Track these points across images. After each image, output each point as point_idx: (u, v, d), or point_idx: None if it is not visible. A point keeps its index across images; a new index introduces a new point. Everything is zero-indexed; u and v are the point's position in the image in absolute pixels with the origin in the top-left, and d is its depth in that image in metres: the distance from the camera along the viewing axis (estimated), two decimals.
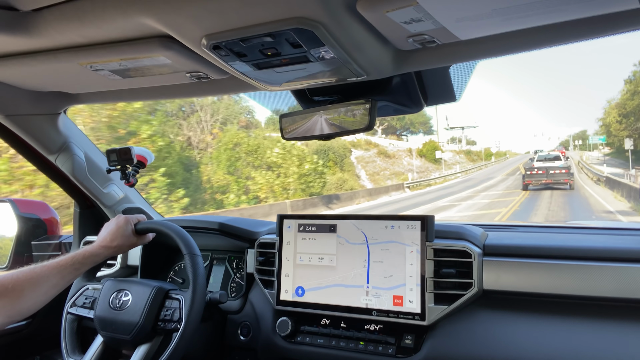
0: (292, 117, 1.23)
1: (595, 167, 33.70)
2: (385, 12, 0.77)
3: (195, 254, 1.28)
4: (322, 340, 1.34)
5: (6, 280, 1.09)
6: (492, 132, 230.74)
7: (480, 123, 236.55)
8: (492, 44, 0.91)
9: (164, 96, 1.34)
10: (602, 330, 1.09)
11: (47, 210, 2.12)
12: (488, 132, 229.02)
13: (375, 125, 1.11)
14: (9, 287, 1.09)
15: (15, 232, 1.93)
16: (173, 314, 1.25)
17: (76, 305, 1.41)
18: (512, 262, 1.21)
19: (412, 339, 1.23)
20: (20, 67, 1.12)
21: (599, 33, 0.83)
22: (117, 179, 1.67)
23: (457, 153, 56.04)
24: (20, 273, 1.13)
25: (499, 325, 1.18)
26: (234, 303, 1.55)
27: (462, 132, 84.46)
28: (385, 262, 1.29)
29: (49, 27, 0.91)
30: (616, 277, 1.10)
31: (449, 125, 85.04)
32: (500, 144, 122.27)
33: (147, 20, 0.83)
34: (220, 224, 1.62)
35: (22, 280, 1.11)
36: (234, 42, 0.87)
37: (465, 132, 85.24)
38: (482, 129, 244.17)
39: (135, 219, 1.39)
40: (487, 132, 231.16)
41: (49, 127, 1.56)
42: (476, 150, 75.30)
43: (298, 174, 17.82)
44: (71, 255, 1.24)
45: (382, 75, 1.05)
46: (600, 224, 1.65)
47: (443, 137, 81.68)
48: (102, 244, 1.31)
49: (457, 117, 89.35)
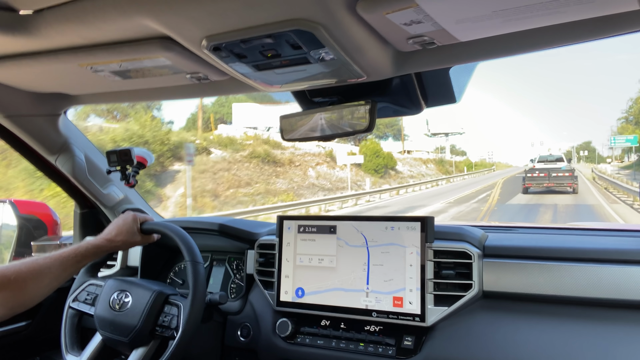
0: (292, 118, 1.23)
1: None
2: (385, 13, 0.77)
3: (197, 261, 1.28)
4: (322, 342, 1.34)
5: (8, 272, 1.09)
6: (485, 143, 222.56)
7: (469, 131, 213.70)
8: (492, 46, 0.91)
9: (164, 97, 1.35)
10: (602, 331, 1.09)
11: (47, 210, 2.12)
12: (480, 143, 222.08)
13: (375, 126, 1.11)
14: (11, 278, 1.08)
15: (15, 232, 1.93)
16: (171, 321, 1.24)
17: (78, 300, 1.41)
18: (512, 264, 1.21)
19: (412, 340, 1.23)
20: (21, 68, 1.12)
21: (599, 34, 0.83)
22: (117, 180, 1.67)
23: (425, 162, 44.69)
24: (22, 264, 1.12)
25: (499, 327, 1.18)
26: (234, 304, 1.55)
27: (446, 139, 70.38)
28: (386, 265, 1.29)
29: (50, 28, 0.91)
30: (616, 278, 1.10)
31: (430, 131, 69.84)
32: (493, 154, 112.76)
33: (148, 21, 0.84)
34: (221, 225, 1.62)
35: (24, 272, 1.11)
36: (234, 43, 0.87)
37: (449, 139, 71.54)
38: (474, 138, 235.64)
39: (143, 218, 1.39)
40: (480, 142, 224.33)
41: (49, 128, 1.56)
42: (457, 159, 61.94)
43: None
44: (74, 247, 1.24)
45: (382, 77, 1.05)
46: (600, 225, 1.66)
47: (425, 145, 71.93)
48: (107, 237, 1.31)
49: (441, 122, 71.92)
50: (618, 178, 25.47)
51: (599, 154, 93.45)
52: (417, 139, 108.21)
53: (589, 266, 1.13)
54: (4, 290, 1.07)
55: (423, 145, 68.84)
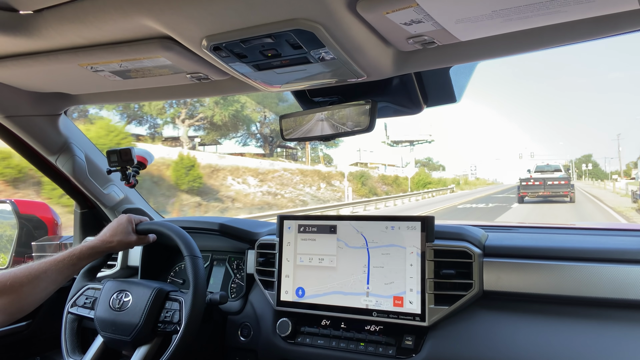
0: (292, 118, 1.23)
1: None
2: (385, 13, 0.77)
3: (196, 256, 1.28)
4: (322, 341, 1.34)
5: (5, 278, 1.09)
6: (470, 156, 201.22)
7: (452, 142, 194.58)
8: (492, 45, 0.91)
9: (164, 97, 1.35)
10: (602, 331, 1.09)
11: (47, 210, 2.12)
12: (464, 156, 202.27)
13: (375, 126, 1.10)
14: (7, 284, 1.09)
15: (15, 232, 1.93)
16: (173, 316, 1.25)
17: (77, 305, 1.41)
18: (512, 263, 1.21)
19: (412, 340, 1.23)
20: (21, 68, 1.12)
21: (599, 34, 0.83)
22: (118, 179, 1.67)
23: (326, 178, 28.52)
24: (18, 270, 1.13)
25: (499, 326, 1.18)
26: (234, 304, 1.55)
27: (411, 148, 54.42)
28: (386, 267, 1.29)
29: (50, 28, 0.91)
30: (616, 278, 1.10)
31: (388, 138, 53.80)
32: (476, 169, 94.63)
33: (148, 21, 0.84)
34: (221, 225, 1.62)
35: (20, 278, 1.12)
36: (234, 43, 0.87)
37: (415, 148, 54.61)
38: (457, 151, 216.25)
39: (138, 219, 1.39)
40: (463, 155, 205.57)
41: (50, 128, 1.56)
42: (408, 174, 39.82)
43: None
44: (69, 250, 1.25)
45: (382, 76, 1.05)
46: (601, 225, 1.65)
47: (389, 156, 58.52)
48: (102, 238, 1.32)
49: (405, 129, 50.95)
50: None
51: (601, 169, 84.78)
52: (378, 148, 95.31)
53: (589, 266, 1.13)
54: (1, 297, 1.07)
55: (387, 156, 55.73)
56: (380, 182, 34.98)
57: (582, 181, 74.33)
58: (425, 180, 41.60)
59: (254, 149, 35.29)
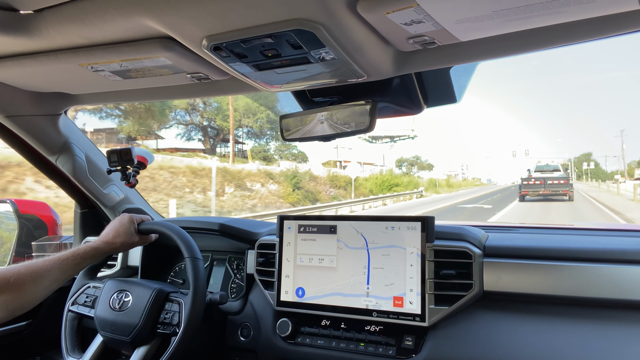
0: (292, 118, 1.23)
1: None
2: (386, 13, 0.77)
3: (196, 257, 1.28)
4: (322, 341, 1.34)
5: (8, 275, 1.09)
6: (461, 154, 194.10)
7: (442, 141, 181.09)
8: (493, 45, 0.91)
9: (165, 97, 1.35)
10: (602, 331, 1.09)
11: (47, 210, 2.12)
12: (455, 154, 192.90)
13: (375, 126, 1.10)
14: (10, 280, 1.09)
15: (15, 232, 1.93)
16: (172, 318, 1.25)
17: (77, 304, 1.41)
18: (512, 264, 1.21)
19: (412, 340, 1.23)
20: (21, 67, 1.12)
21: (599, 34, 0.83)
22: (118, 179, 1.67)
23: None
24: (22, 267, 1.13)
25: (499, 327, 1.18)
26: (234, 304, 1.55)
27: (392, 145, 49.83)
28: (386, 268, 1.28)
29: (50, 28, 0.91)
30: (616, 278, 1.10)
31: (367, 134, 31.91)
32: (466, 169, 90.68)
33: (148, 21, 0.84)
34: (221, 225, 1.62)
35: (23, 274, 1.11)
36: (235, 43, 0.87)
37: (395, 145, 50.26)
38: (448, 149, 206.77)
39: (139, 219, 1.39)
40: (454, 154, 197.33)
41: (50, 127, 1.56)
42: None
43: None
44: (73, 250, 1.25)
45: (382, 77, 1.05)
46: (601, 225, 1.65)
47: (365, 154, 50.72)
48: (105, 240, 1.32)
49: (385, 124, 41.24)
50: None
51: (602, 168, 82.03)
52: (358, 145, 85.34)
53: (589, 266, 1.13)
54: (3, 293, 1.07)
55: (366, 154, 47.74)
56: (328, 184, 27.63)
57: (583, 182, 68.64)
58: (390, 182, 33.20)
59: (195, 144, 30.12)
